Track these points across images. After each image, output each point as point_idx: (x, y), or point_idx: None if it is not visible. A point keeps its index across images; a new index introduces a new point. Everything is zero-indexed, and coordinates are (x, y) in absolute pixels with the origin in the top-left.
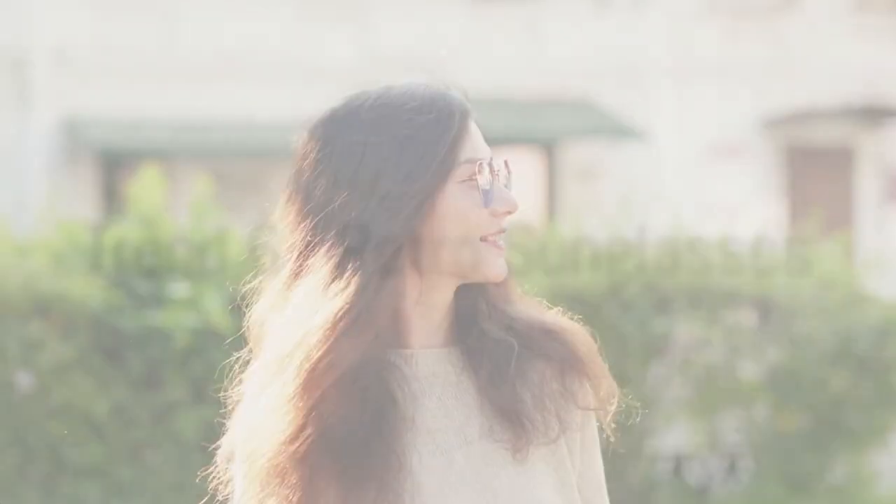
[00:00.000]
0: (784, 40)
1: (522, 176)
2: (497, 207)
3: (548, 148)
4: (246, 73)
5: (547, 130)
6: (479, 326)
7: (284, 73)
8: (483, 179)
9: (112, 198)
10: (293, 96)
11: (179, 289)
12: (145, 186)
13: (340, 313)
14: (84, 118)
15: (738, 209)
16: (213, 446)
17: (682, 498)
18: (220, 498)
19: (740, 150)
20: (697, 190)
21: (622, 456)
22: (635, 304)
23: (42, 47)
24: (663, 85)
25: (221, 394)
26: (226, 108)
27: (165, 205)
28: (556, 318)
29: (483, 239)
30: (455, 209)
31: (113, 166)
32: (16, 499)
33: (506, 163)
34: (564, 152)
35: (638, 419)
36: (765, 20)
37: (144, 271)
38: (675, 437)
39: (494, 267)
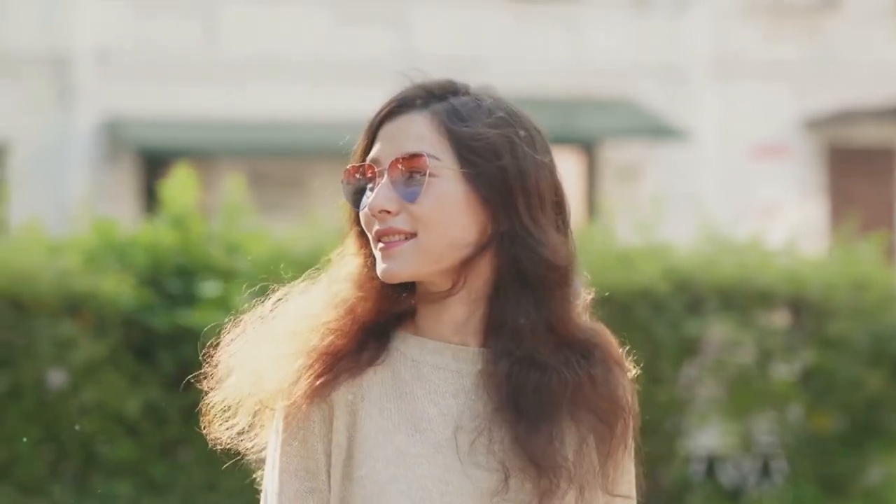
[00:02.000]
0: (826, 40)
1: (563, 176)
2: (364, 211)
3: (588, 148)
4: (285, 73)
5: (587, 130)
6: (524, 342)
7: (324, 72)
8: (366, 182)
9: (152, 197)
10: (332, 96)
11: (209, 287)
12: (178, 186)
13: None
14: (125, 118)
15: (779, 209)
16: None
17: (716, 499)
18: (241, 454)
19: (781, 150)
20: (738, 190)
21: (655, 457)
22: (667, 305)
23: (84, 48)
24: (704, 84)
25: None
26: (265, 107)
27: (203, 204)
28: (607, 352)
29: (373, 238)
30: None
31: (153, 166)
32: (49, 496)
33: (400, 161)
34: (605, 152)
35: (670, 420)
36: (806, 20)
37: (176, 270)
38: (708, 438)
39: (380, 268)
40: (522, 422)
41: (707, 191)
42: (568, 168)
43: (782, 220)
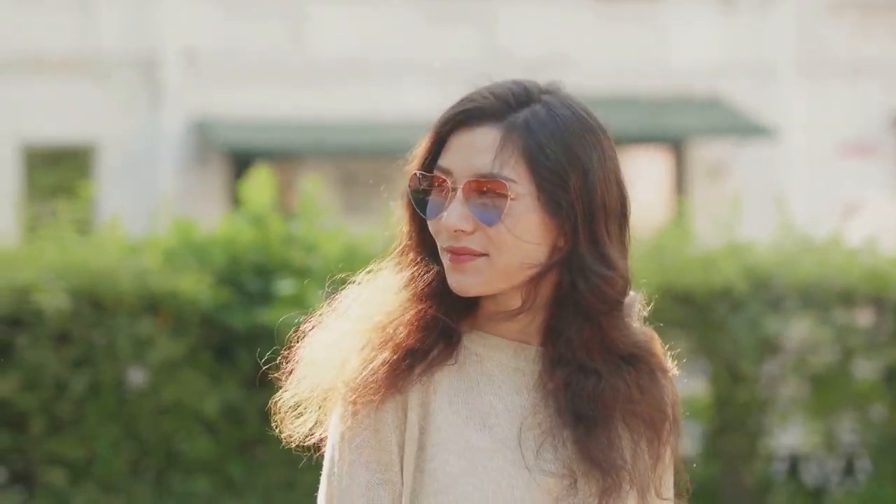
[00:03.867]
0: None
1: (650, 175)
2: (436, 221)
3: (676, 147)
4: (372, 74)
5: (675, 129)
6: (578, 351)
7: (410, 73)
8: (432, 192)
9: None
10: (419, 96)
11: (285, 285)
12: (256, 186)
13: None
14: (213, 119)
15: (864, 208)
16: (307, 437)
17: (798, 498)
18: (299, 445)
19: (871, 148)
20: (825, 189)
21: (736, 456)
22: (746, 304)
23: (173, 50)
24: (792, 82)
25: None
26: (352, 108)
27: (290, 205)
28: (654, 359)
29: (443, 249)
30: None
31: (241, 166)
32: (128, 494)
33: (478, 182)
34: (692, 151)
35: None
36: (895, 16)
37: (254, 269)
38: (791, 437)
39: (451, 279)
40: (581, 426)
41: (794, 189)
42: (656, 167)
43: (867, 219)
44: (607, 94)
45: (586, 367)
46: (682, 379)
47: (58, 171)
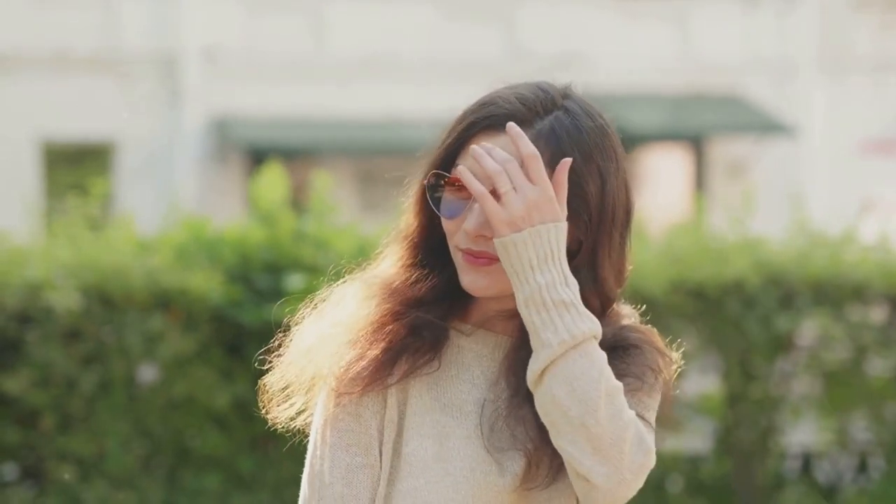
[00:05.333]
0: None
1: (670, 173)
2: (453, 221)
3: (696, 143)
4: (392, 71)
5: (695, 126)
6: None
7: (431, 70)
8: (446, 191)
9: None
10: (440, 94)
11: (295, 281)
12: (268, 183)
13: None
14: (233, 117)
15: (891, 206)
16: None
17: (811, 496)
18: (286, 427)
19: (892, 146)
20: (846, 186)
21: (748, 453)
22: (758, 300)
23: (193, 47)
24: (813, 79)
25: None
26: (372, 106)
27: (306, 201)
28: (644, 347)
29: (457, 248)
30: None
31: (261, 164)
32: (139, 490)
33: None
34: (713, 148)
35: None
36: None
37: (264, 266)
38: (803, 434)
39: (466, 279)
40: (533, 405)
41: (815, 187)
42: (676, 165)
43: (884, 216)
44: (628, 91)
45: None
46: (695, 374)
47: (78, 168)
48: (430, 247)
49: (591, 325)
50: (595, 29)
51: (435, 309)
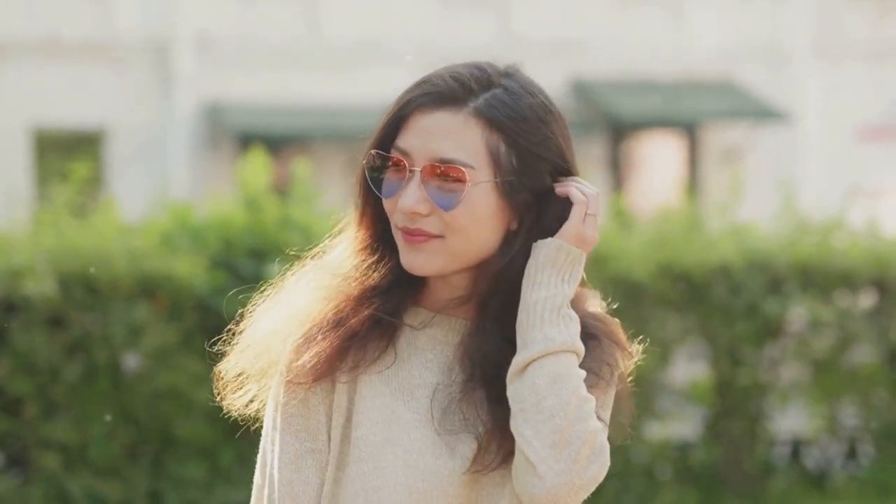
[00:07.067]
0: None
1: (664, 160)
2: (391, 200)
3: (690, 130)
4: (386, 59)
5: (689, 113)
6: (495, 322)
7: (425, 58)
8: (388, 171)
9: None
10: None
11: (274, 269)
12: (251, 169)
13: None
14: (226, 104)
15: (886, 193)
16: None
17: (800, 483)
18: (240, 416)
19: (889, 133)
20: (842, 173)
21: (737, 440)
22: (745, 285)
23: (185, 33)
24: (808, 65)
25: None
26: (366, 93)
27: (288, 189)
28: (593, 324)
29: (396, 227)
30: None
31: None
32: (124, 479)
33: (437, 167)
34: (707, 135)
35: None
36: None
37: (248, 252)
38: (792, 421)
39: (405, 258)
40: (491, 389)
41: (810, 174)
42: (669, 152)
43: (891, 204)
44: (621, 77)
45: (501, 336)
46: (683, 362)
47: (70, 156)
48: (381, 230)
49: (582, 347)
50: (589, 15)
51: (390, 296)
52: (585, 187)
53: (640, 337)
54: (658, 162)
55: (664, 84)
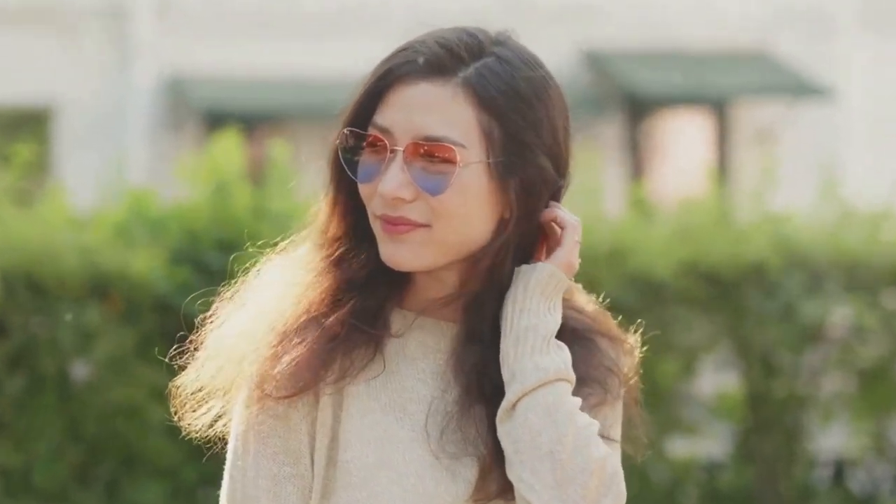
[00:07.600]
0: None
1: (690, 140)
2: (369, 185)
3: (719, 108)
4: (370, 27)
5: (718, 88)
6: (489, 328)
7: (410, 26)
8: (364, 152)
9: None
10: None
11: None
12: (222, 151)
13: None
14: (189, 77)
15: None
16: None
17: None
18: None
19: None
20: (892, 156)
21: (772, 459)
22: (781, 285)
23: (143, 1)
24: (855, 36)
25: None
26: (344, 65)
27: (261, 173)
28: (579, 317)
29: (374, 215)
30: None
31: (220, 129)
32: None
33: (423, 146)
34: (738, 112)
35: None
36: None
37: (216, 244)
38: (835, 439)
39: (385, 251)
40: (490, 404)
41: (853, 156)
42: (696, 131)
43: None
44: (642, 48)
45: (496, 344)
46: (710, 371)
47: (12, 136)
48: (356, 220)
49: (573, 375)
50: None
51: (370, 294)
52: (566, 215)
53: (648, 333)
54: (682, 144)
55: (689, 55)
